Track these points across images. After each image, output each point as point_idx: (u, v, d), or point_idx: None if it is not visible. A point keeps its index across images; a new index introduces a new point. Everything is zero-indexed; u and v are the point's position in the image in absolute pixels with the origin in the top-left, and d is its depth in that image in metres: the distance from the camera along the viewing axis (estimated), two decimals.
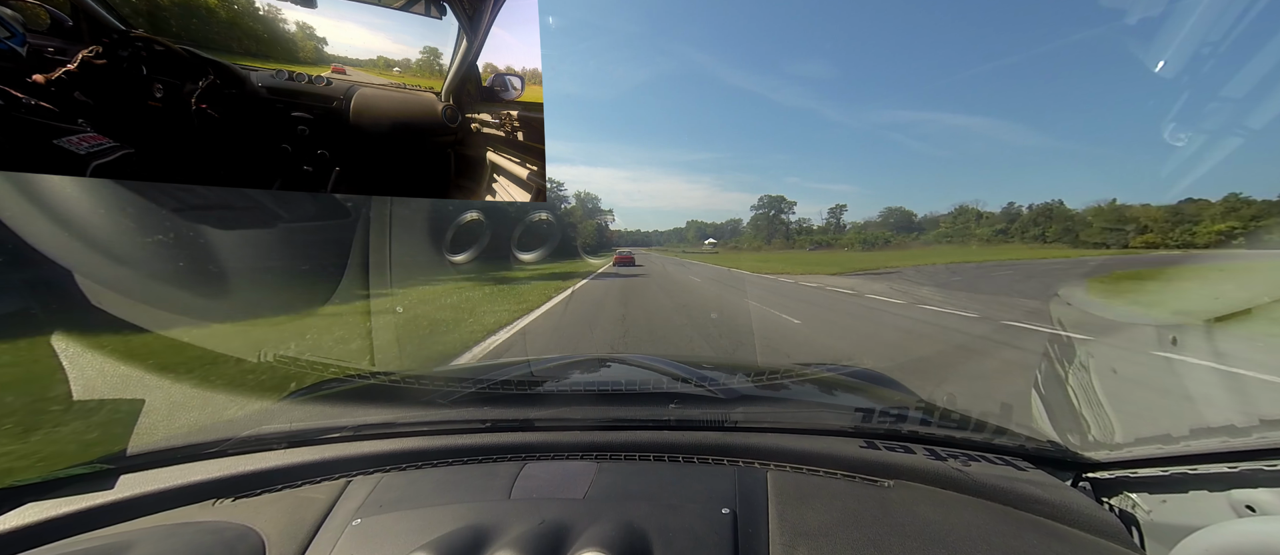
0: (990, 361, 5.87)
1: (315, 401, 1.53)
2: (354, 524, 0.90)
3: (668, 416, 1.27)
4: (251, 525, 0.91)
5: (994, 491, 1.00)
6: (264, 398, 1.65)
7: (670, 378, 1.63)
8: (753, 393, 1.57)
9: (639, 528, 0.84)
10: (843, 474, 1.06)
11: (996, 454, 1.13)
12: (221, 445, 1.15)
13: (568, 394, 1.54)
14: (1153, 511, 0.96)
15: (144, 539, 0.88)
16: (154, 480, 1.05)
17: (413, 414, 1.30)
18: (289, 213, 13.20)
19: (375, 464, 1.11)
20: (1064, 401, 1.30)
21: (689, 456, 1.12)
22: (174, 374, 4.55)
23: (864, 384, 1.92)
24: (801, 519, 0.89)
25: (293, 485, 1.06)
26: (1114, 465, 1.05)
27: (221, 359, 5.08)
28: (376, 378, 1.81)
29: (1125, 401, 1.34)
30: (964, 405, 1.35)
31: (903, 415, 1.25)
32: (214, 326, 7.27)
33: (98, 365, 3.14)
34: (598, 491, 0.98)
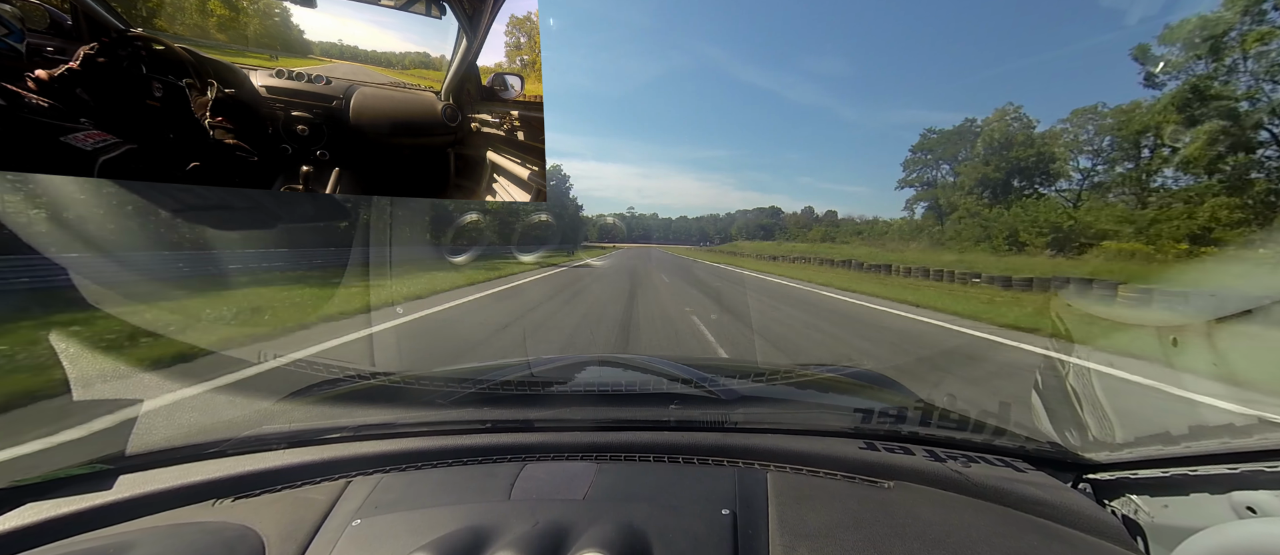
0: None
1: (315, 402, 1.53)
2: (354, 524, 0.90)
3: (668, 417, 1.27)
4: (251, 526, 0.91)
5: (994, 493, 1.00)
6: (264, 398, 1.65)
7: (670, 378, 1.63)
8: (753, 394, 1.57)
9: (639, 529, 0.84)
10: (843, 475, 1.06)
11: (996, 455, 1.13)
12: (221, 445, 1.15)
13: (568, 395, 1.54)
14: (1154, 513, 0.96)
15: (144, 539, 0.88)
16: (154, 480, 1.04)
17: (413, 414, 1.30)
18: (288, 213, 13.22)
19: (375, 464, 1.11)
20: (1064, 402, 1.30)
21: (689, 457, 1.12)
22: (174, 373, 4.55)
23: (864, 385, 1.92)
24: (801, 520, 0.89)
25: (293, 486, 1.06)
26: (1114, 466, 1.05)
27: (222, 359, 5.08)
28: (376, 378, 1.81)
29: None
30: (964, 406, 1.35)
31: (902, 416, 1.25)
32: (214, 324, 7.28)
33: (98, 365, 3.13)
34: (598, 492, 0.98)
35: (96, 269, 10.62)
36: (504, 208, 27.58)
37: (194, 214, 1.60)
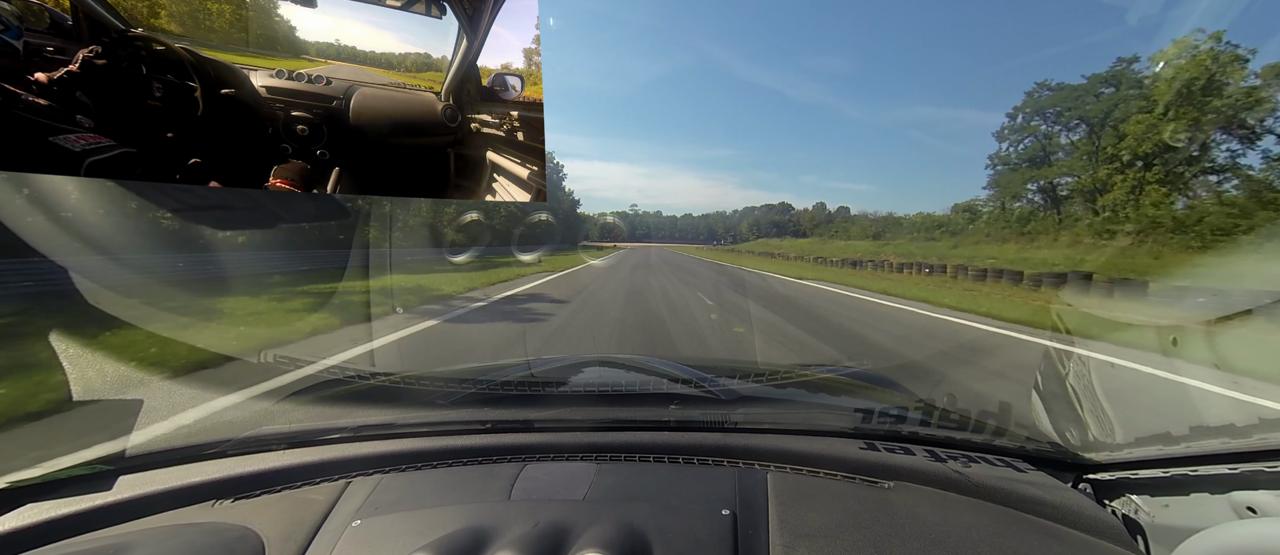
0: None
1: (315, 402, 1.53)
2: (354, 525, 0.90)
3: (668, 418, 1.27)
4: (251, 526, 0.91)
5: (994, 493, 1.00)
6: (264, 398, 1.65)
7: (670, 379, 1.63)
8: (753, 394, 1.56)
9: (639, 529, 0.84)
10: (843, 475, 1.06)
11: (997, 455, 1.13)
12: (221, 446, 1.15)
13: (568, 395, 1.54)
14: (1154, 513, 0.96)
15: (143, 540, 0.88)
16: (154, 481, 1.04)
17: (413, 415, 1.30)
18: (288, 213, 13.26)
19: (375, 465, 1.11)
20: (1064, 402, 1.30)
21: (689, 458, 1.12)
22: (174, 374, 4.55)
23: (864, 385, 1.92)
24: (801, 520, 0.89)
25: (292, 486, 1.05)
26: (1115, 466, 1.05)
27: (221, 359, 5.08)
28: (376, 378, 1.81)
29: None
30: (964, 406, 1.35)
31: (903, 416, 1.25)
32: (213, 322, 7.28)
33: (98, 365, 3.13)
34: (598, 493, 0.98)
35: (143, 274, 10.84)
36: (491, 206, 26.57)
37: (195, 214, 1.60)
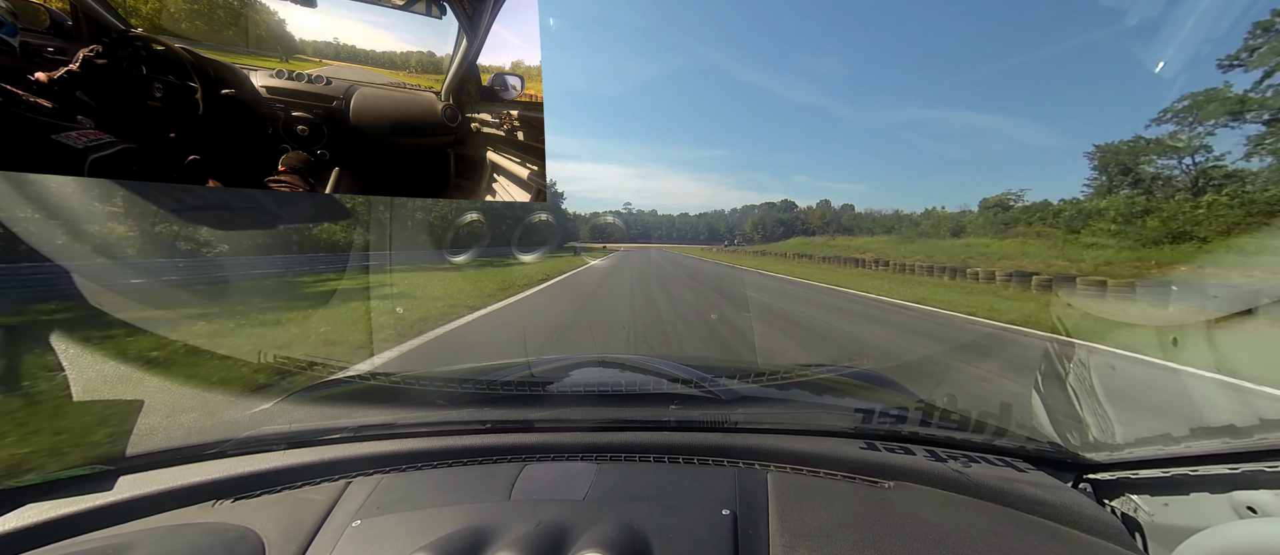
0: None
1: (315, 402, 1.53)
2: (354, 525, 0.90)
3: (668, 418, 1.27)
4: (251, 526, 0.91)
5: (995, 493, 1.00)
6: (264, 398, 1.65)
7: (670, 379, 1.62)
8: (753, 394, 1.56)
9: (639, 529, 0.84)
10: (843, 475, 1.06)
11: (997, 455, 1.13)
12: (221, 446, 1.15)
13: (568, 395, 1.54)
14: (1154, 513, 0.96)
15: (144, 540, 0.88)
16: (154, 481, 1.04)
17: (413, 415, 1.30)
18: (288, 213, 13.30)
19: (375, 465, 1.11)
20: (1064, 402, 1.30)
21: (689, 458, 1.12)
22: (173, 373, 4.55)
23: (864, 385, 1.92)
24: (802, 520, 0.89)
25: (293, 486, 1.05)
26: (1115, 466, 1.05)
27: (221, 358, 5.07)
28: (376, 378, 1.81)
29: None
30: (964, 406, 1.34)
31: (903, 416, 1.25)
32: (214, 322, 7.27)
33: (98, 365, 3.13)
34: (598, 493, 0.98)
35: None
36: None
37: (195, 214, 1.60)
